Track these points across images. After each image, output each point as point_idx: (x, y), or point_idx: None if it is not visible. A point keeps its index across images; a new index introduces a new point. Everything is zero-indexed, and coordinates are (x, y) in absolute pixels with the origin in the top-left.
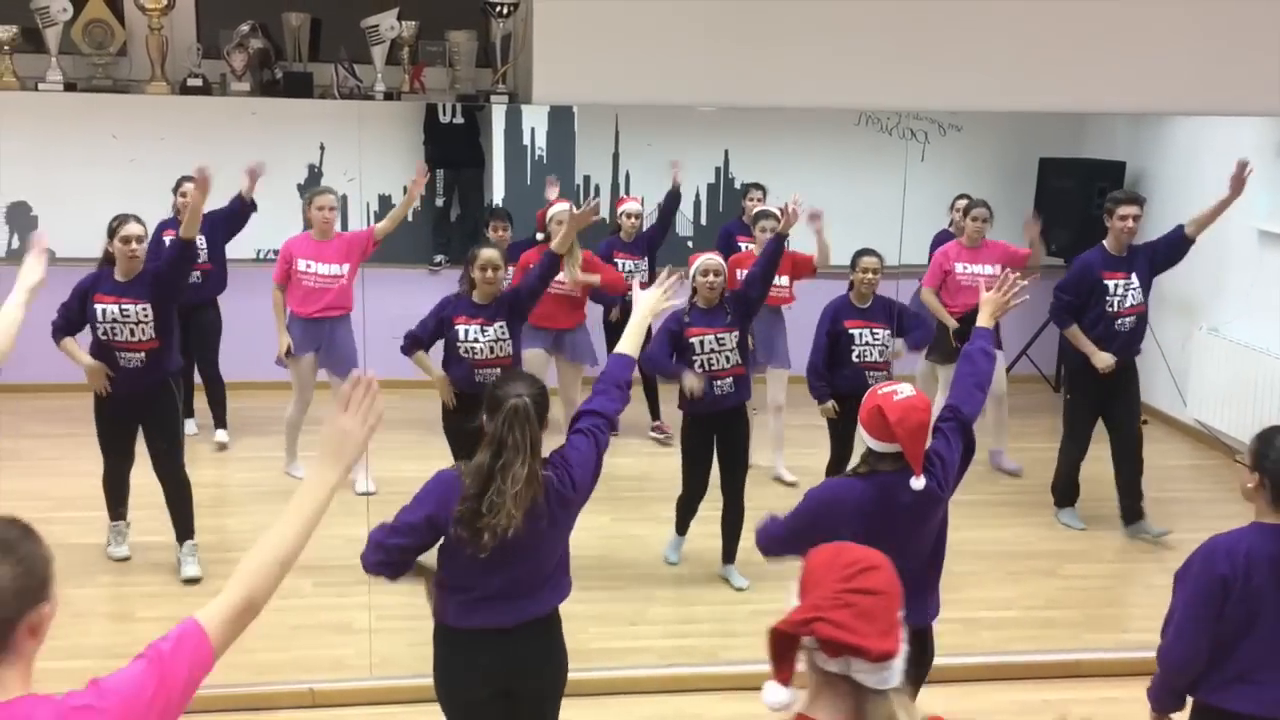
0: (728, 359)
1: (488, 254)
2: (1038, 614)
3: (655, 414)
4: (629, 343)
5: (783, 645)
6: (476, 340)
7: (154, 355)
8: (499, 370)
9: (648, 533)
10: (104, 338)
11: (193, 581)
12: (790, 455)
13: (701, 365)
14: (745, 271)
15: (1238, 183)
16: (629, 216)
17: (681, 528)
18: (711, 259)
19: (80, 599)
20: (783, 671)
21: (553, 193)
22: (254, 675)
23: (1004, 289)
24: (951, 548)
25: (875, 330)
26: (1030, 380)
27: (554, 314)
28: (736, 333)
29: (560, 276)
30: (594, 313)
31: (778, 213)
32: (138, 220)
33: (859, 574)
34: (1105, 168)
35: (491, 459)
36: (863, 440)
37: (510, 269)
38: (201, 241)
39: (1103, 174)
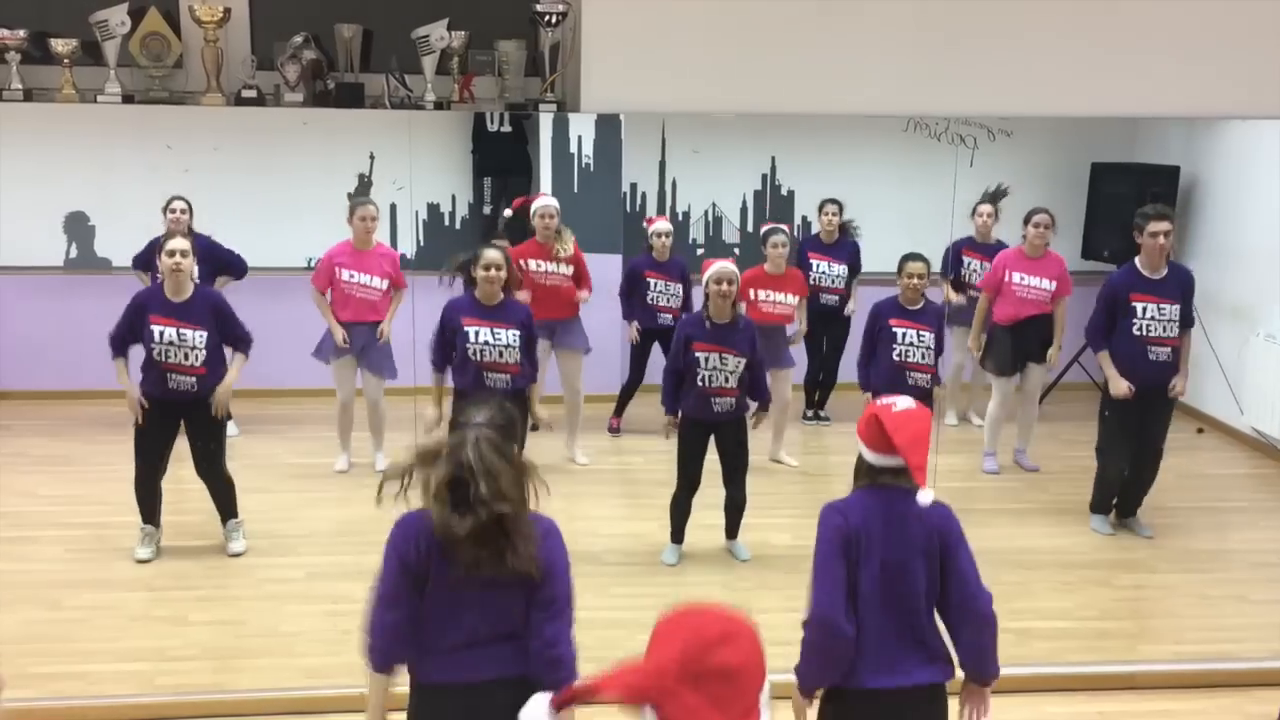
0: (727, 379)
1: (491, 254)
2: (1091, 625)
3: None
4: None
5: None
6: (487, 343)
7: (203, 379)
8: (508, 378)
9: (693, 540)
10: (158, 358)
11: (237, 555)
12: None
13: (702, 380)
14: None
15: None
16: (659, 236)
17: (677, 535)
18: (725, 268)
19: (133, 603)
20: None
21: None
22: (305, 679)
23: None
24: (1003, 557)
25: (921, 332)
26: (1082, 387)
27: (550, 306)
28: (743, 359)
29: (550, 267)
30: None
31: (787, 230)
32: (183, 237)
33: (716, 645)
34: (1158, 172)
35: (451, 476)
36: (861, 457)
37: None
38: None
39: (1156, 179)
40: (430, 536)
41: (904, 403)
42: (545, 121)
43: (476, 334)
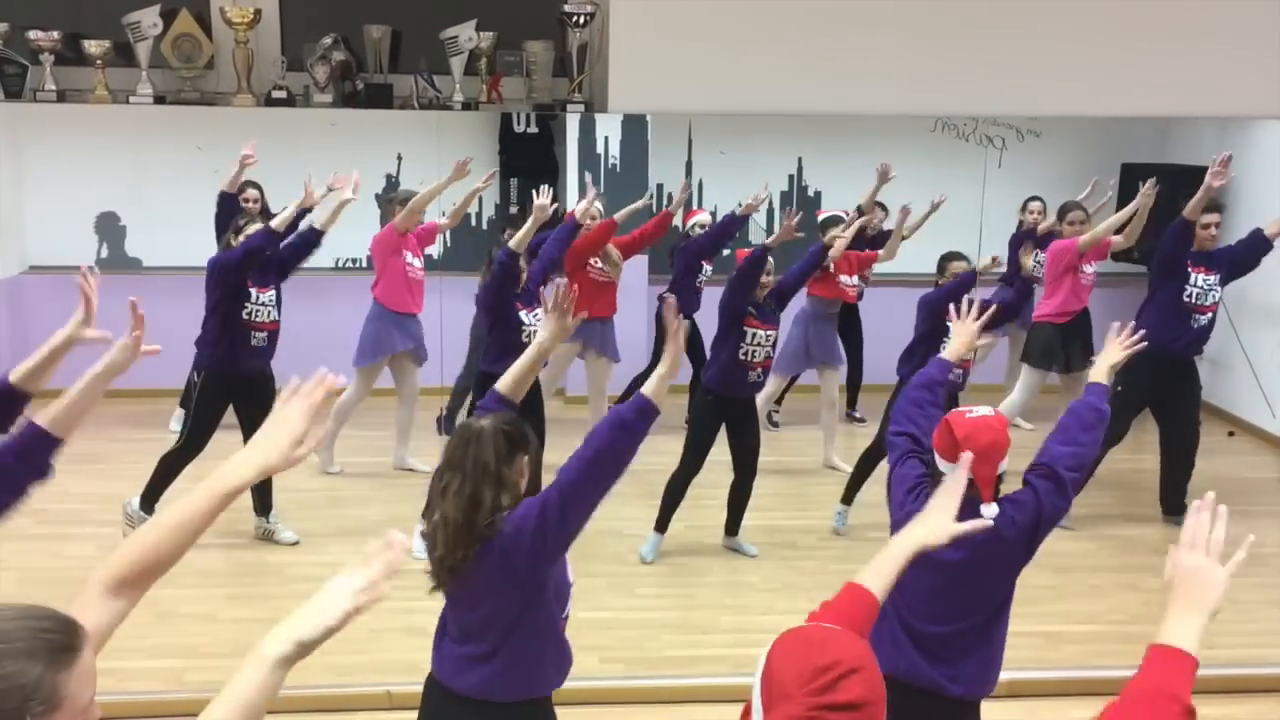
0: (767, 354)
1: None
2: (1122, 628)
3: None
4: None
5: None
6: (534, 326)
7: (273, 335)
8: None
9: (718, 538)
10: (247, 317)
11: (295, 544)
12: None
13: (745, 354)
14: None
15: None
16: (701, 227)
17: (662, 524)
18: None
19: (164, 600)
20: None
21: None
22: (332, 677)
23: (1123, 339)
24: (1032, 560)
25: None
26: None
27: (588, 301)
28: (775, 331)
29: (595, 262)
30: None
31: (843, 216)
32: (258, 221)
33: (835, 682)
34: (1190, 173)
35: (435, 478)
36: (935, 465)
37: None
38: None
39: (1187, 179)
40: None
41: (979, 410)
42: (572, 122)
43: (528, 318)
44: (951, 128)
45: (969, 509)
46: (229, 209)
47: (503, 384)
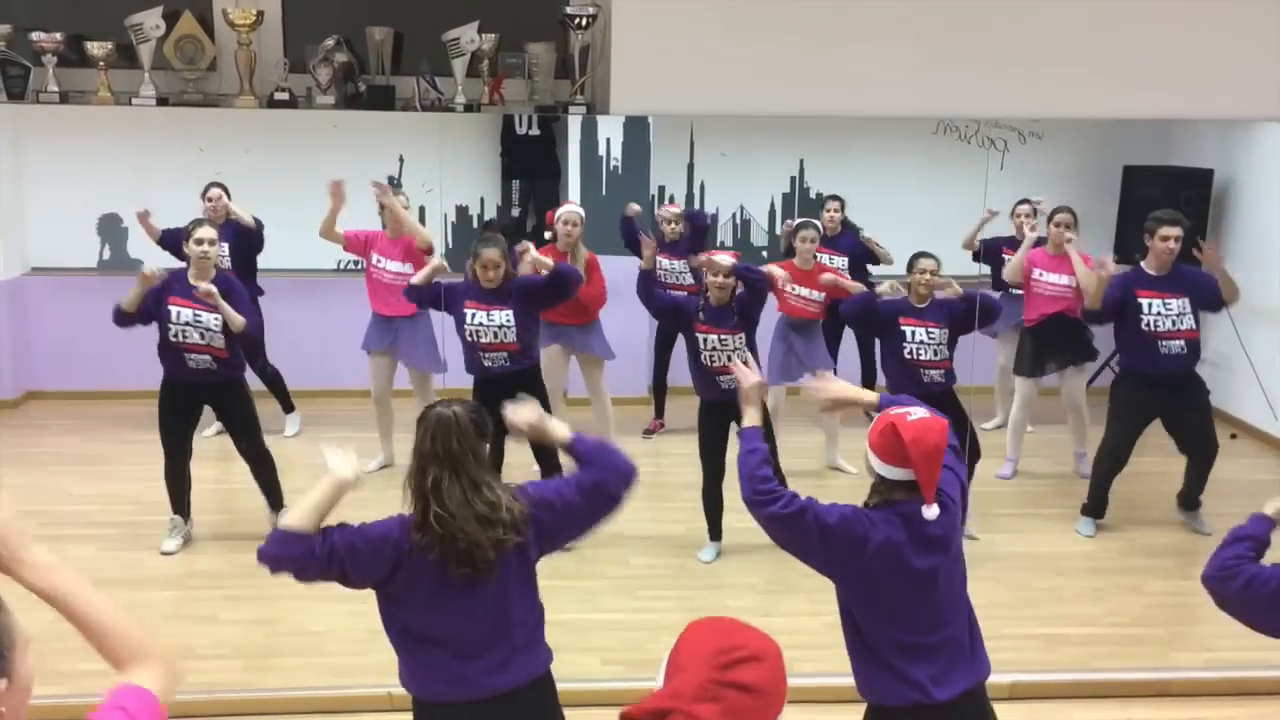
0: (729, 358)
1: (488, 254)
2: (1123, 631)
3: (659, 413)
4: None
5: None
6: (482, 324)
7: (221, 360)
8: (506, 356)
9: (723, 543)
10: (174, 339)
11: None
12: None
13: (705, 359)
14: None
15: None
16: (666, 221)
17: (714, 532)
18: (723, 261)
19: (164, 602)
20: None
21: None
22: (333, 678)
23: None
24: (1033, 562)
25: (931, 330)
26: None
27: (567, 311)
28: (742, 335)
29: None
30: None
31: (819, 225)
32: (211, 224)
33: (737, 664)
34: (1192, 175)
35: (418, 474)
36: (871, 468)
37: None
38: (224, 249)
39: (1190, 182)
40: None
41: (919, 411)
42: (574, 124)
43: (473, 316)
44: (953, 129)
45: (911, 513)
46: (175, 244)
47: (297, 521)
